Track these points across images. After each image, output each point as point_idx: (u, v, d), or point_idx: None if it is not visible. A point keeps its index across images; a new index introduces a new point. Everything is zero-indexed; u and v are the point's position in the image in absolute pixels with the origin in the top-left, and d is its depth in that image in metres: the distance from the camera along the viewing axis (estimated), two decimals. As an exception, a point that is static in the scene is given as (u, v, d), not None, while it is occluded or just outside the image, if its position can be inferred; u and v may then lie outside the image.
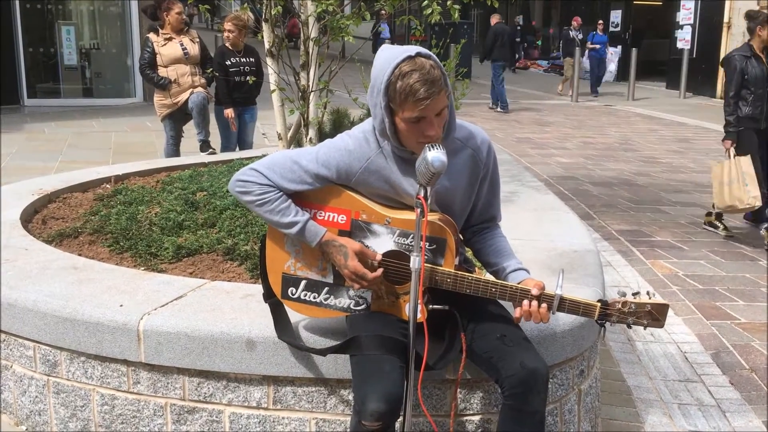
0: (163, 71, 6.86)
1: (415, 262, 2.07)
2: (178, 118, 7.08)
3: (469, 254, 2.64)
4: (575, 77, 17.40)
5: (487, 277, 2.34)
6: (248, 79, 6.53)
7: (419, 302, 2.12)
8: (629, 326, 2.26)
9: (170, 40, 6.90)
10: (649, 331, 4.04)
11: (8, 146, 9.20)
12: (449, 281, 2.24)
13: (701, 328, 4.26)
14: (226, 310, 2.69)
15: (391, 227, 2.28)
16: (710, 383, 3.61)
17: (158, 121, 7.33)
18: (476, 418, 2.59)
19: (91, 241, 3.67)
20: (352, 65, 4.95)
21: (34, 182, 4.81)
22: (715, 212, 6.29)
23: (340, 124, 6.09)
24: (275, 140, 5.25)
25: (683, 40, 18.49)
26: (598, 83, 18.36)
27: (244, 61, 7.03)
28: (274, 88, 4.73)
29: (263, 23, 4.68)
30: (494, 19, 15.83)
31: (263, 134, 9.71)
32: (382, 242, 2.29)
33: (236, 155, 6.07)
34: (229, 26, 6.96)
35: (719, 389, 3.55)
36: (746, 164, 5.71)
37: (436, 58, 2.16)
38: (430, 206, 2.07)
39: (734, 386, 3.58)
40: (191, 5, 5.00)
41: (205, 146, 7.06)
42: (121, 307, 2.71)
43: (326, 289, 2.38)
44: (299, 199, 2.34)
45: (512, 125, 13.34)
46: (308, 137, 4.70)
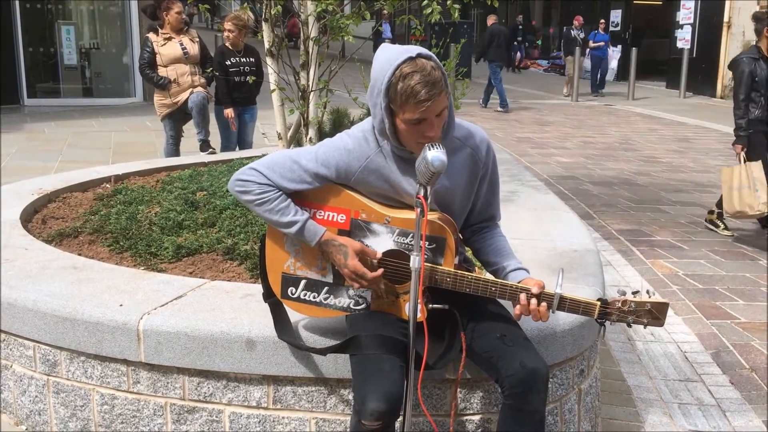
0: (162, 71, 6.86)
1: (414, 261, 2.07)
2: (177, 117, 7.08)
3: (468, 254, 2.64)
4: (575, 77, 17.41)
5: (486, 276, 2.34)
6: (248, 79, 6.53)
7: (419, 301, 2.12)
8: (629, 325, 2.26)
9: (170, 39, 6.90)
10: (649, 330, 4.04)
11: (8, 146, 9.20)
12: (449, 280, 2.24)
13: (701, 327, 4.26)
14: (225, 309, 2.69)
15: (390, 226, 2.28)
16: (710, 383, 3.60)
17: (158, 120, 7.33)
18: (476, 417, 2.59)
19: (90, 240, 3.67)
20: (352, 65, 4.95)
21: (33, 182, 4.81)
22: (717, 212, 6.28)
23: (340, 123, 6.09)
24: (275, 140, 5.25)
25: (683, 39, 18.50)
26: (602, 82, 18.31)
27: (244, 61, 7.03)
28: (274, 87, 4.73)
29: (263, 23, 4.68)
30: (490, 19, 15.86)
31: (263, 134, 9.71)
32: (381, 241, 2.29)
33: (236, 155, 6.07)
34: (229, 26, 6.96)
35: (719, 389, 3.55)
36: (757, 170, 5.66)
37: (436, 58, 2.15)
38: (429, 205, 2.07)
39: (734, 386, 3.58)
40: (191, 5, 5.00)
41: (204, 146, 7.06)
42: (120, 306, 2.71)
43: (326, 288, 2.38)
44: (299, 198, 2.33)
45: (512, 125, 13.34)
46: (308, 137, 4.70)
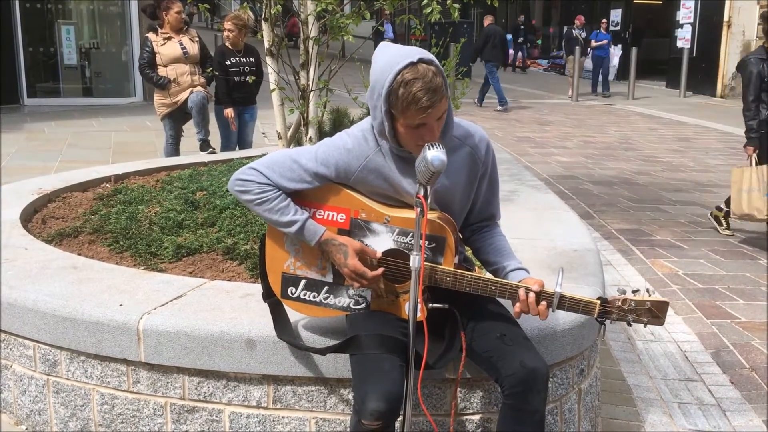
0: (162, 71, 6.86)
1: (414, 260, 2.07)
2: (177, 117, 7.09)
3: (468, 253, 2.64)
4: (575, 76, 17.41)
5: (486, 275, 2.34)
6: (248, 78, 6.53)
7: (419, 301, 2.12)
8: (629, 324, 2.26)
9: (169, 39, 6.90)
10: (649, 330, 4.04)
11: (8, 146, 9.20)
12: (449, 280, 2.24)
13: (701, 327, 4.26)
14: (225, 309, 2.69)
15: (390, 226, 2.28)
16: (710, 382, 3.60)
17: (158, 120, 7.33)
18: (476, 417, 2.59)
19: (90, 240, 3.67)
20: (351, 64, 4.95)
21: (33, 182, 4.81)
22: (725, 210, 6.21)
23: (339, 123, 6.09)
24: (275, 139, 5.25)
25: (683, 39, 18.49)
26: (605, 84, 18.23)
27: (244, 60, 7.03)
28: (273, 87, 4.73)
29: (263, 22, 4.68)
30: (487, 20, 15.89)
31: (263, 133, 9.71)
32: (381, 241, 2.29)
33: (236, 154, 6.07)
34: (229, 26, 6.95)
35: (719, 388, 3.54)
36: None
37: (437, 62, 2.14)
38: (429, 205, 2.07)
39: (734, 385, 3.58)
40: (191, 4, 5.00)
41: (204, 145, 7.06)
42: (120, 306, 2.70)
43: (326, 288, 2.38)
44: (298, 198, 2.33)
45: (512, 124, 13.34)
46: (308, 136, 4.70)
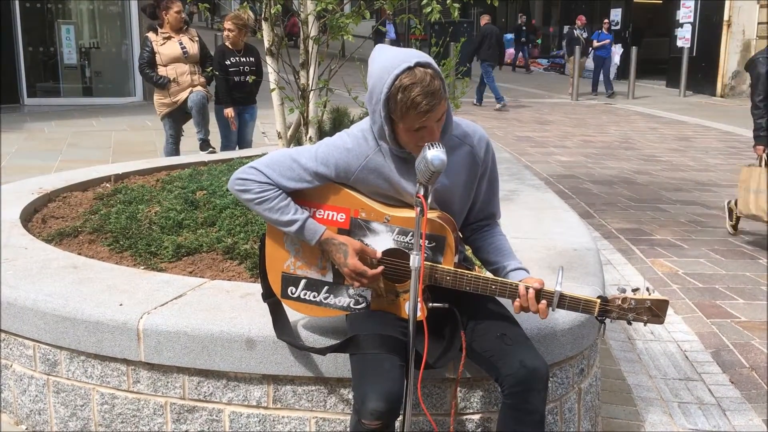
0: (162, 70, 6.86)
1: (414, 260, 2.07)
2: (177, 117, 7.09)
3: (468, 252, 2.64)
4: (575, 76, 17.41)
5: (486, 275, 2.34)
6: (248, 78, 6.52)
7: (419, 300, 2.12)
8: (629, 322, 2.26)
9: (169, 39, 6.90)
10: (648, 329, 4.04)
11: (8, 145, 9.20)
12: (449, 279, 2.24)
13: (701, 326, 4.26)
14: (225, 309, 2.69)
15: (390, 225, 2.28)
16: (710, 382, 3.60)
17: (158, 120, 7.33)
18: (476, 417, 2.59)
19: (90, 240, 3.67)
20: (351, 64, 4.95)
21: (33, 181, 4.81)
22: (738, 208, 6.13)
23: (339, 122, 6.09)
24: (275, 139, 5.25)
25: (683, 38, 18.49)
26: (608, 84, 18.17)
27: (243, 60, 7.02)
28: (273, 86, 4.73)
29: (263, 22, 4.68)
30: (484, 19, 15.93)
31: (263, 133, 9.71)
32: (381, 240, 2.29)
33: (236, 154, 6.07)
34: (229, 25, 6.95)
35: (719, 388, 3.54)
36: None
37: (434, 63, 2.14)
38: (429, 204, 2.06)
39: (734, 385, 3.58)
40: (191, 4, 5.01)
41: (204, 145, 7.06)
42: (120, 306, 2.70)
43: (326, 288, 2.38)
44: (298, 197, 2.33)
45: (512, 124, 13.34)
46: (308, 136, 4.70)
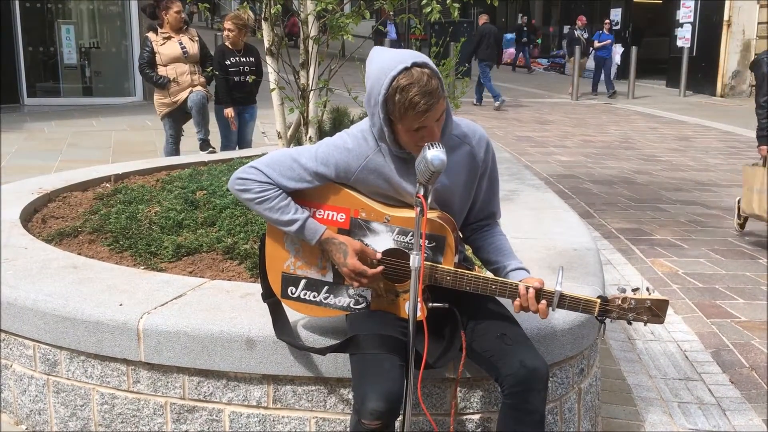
0: (162, 70, 6.86)
1: (414, 260, 2.07)
2: (177, 117, 7.08)
3: (468, 252, 2.64)
4: (575, 76, 17.40)
5: (487, 274, 2.34)
6: (248, 78, 6.52)
7: (419, 300, 2.12)
8: (629, 322, 2.25)
9: (169, 39, 6.89)
10: (648, 329, 4.04)
11: (8, 145, 9.20)
12: (449, 279, 2.24)
13: (701, 326, 4.26)
14: (225, 309, 2.69)
15: (390, 225, 2.28)
16: (710, 382, 3.60)
17: (158, 119, 7.33)
18: (476, 416, 2.59)
19: (90, 240, 3.67)
20: (351, 64, 4.95)
21: (33, 181, 4.81)
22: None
23: (339, 122, 6.09)
24: (275, 139, 5.25)
25: (683, 38, 18.48)
26: (609, 84, 18.13)
27: (243, 60, 7.02)
28: (273, 86, 4.72)
29: (263, 22, 4.68)
30: (482, 19, 15.95)
31: (263, 133, 9.71)
32: (381, 240, 2.29)
33: (236, 154, 6.07)
34: (229, 25, 6.95)
35: (719, 388, 3.54)
36: None
37: (431, 63, 2.14)
38: (429, 204, 2.06)
39: (734, 385, 3.58)
40: (191, 4, 5.01)
41: (204, 145, 7.06)
42: (120, 306, 2.70)
43: (326, 288, 2.38)
44: (298, 197, 2.33)
45: (512, 123, 13.34)
46: (308, 136, 4.70)
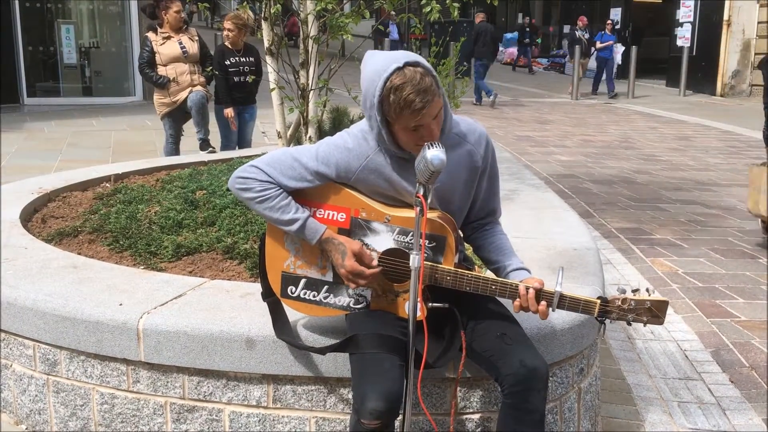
0: (162, 70, 6.86)
1: (414, 260, 2.07)
2: (177, 116, 7.09)
3: (468, 252, 2.64)
4: (575, 76, 17.40)
5: (487, 274, 2.34)
6: (248, 78, 6.52)
7: (419, 300, 2.12)
8: (629, 323, 2.26)
9: (169, 38, 6.90)
10: (648, 328, 4.04)
11: (8, 145, 9.20)
12: (449, 279, 2.24)
13: (701, 326, 4.26)
14: (225, 308, 2.69)
15: (390, 225, 2.28)
16: (710, 381, 3.60)
17: (158, 119, 7.33)
18: (476, 416, 2.59)
19: (90, 240, 3.67)
20: (351, 63, 4.92)
21: (33, 181, 4.81)
22: None
23: (339, 122, 6.10)
24: (275, 139, 5.25)
25: (683, 38, 18.49)
26: (611, 84, 18.07)
27: (243, 60, 7.02)
28: (273, 86, 4.72)
29: (262, 21, 4.68)
30: (478, 17, 15.95)
31: (263, 133, 9.71)
32: (381, 240, 2.29)
33: (236, 154, 6.07)
34: (228, 25, 6.95)
35: (719, 387, 3.54)
36: None
37: (424, 62, 2.13)
38: (429, 203, 2.06)
39: (734, 384, 3.58)
40: (190, 3, 5.01)
41: (204, 145, 7.06)
42: (120, 306, 2.70)
43: (326, 287, 2.38)
44: (299, 197, 2.33)
45: (512, 123, 13.34)
46: (308, 135, 4.70)
